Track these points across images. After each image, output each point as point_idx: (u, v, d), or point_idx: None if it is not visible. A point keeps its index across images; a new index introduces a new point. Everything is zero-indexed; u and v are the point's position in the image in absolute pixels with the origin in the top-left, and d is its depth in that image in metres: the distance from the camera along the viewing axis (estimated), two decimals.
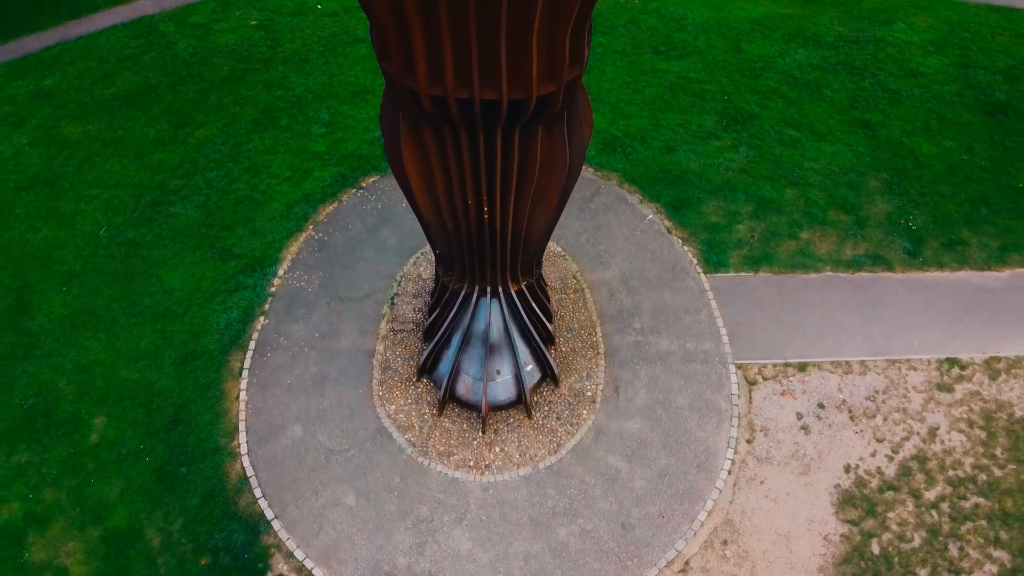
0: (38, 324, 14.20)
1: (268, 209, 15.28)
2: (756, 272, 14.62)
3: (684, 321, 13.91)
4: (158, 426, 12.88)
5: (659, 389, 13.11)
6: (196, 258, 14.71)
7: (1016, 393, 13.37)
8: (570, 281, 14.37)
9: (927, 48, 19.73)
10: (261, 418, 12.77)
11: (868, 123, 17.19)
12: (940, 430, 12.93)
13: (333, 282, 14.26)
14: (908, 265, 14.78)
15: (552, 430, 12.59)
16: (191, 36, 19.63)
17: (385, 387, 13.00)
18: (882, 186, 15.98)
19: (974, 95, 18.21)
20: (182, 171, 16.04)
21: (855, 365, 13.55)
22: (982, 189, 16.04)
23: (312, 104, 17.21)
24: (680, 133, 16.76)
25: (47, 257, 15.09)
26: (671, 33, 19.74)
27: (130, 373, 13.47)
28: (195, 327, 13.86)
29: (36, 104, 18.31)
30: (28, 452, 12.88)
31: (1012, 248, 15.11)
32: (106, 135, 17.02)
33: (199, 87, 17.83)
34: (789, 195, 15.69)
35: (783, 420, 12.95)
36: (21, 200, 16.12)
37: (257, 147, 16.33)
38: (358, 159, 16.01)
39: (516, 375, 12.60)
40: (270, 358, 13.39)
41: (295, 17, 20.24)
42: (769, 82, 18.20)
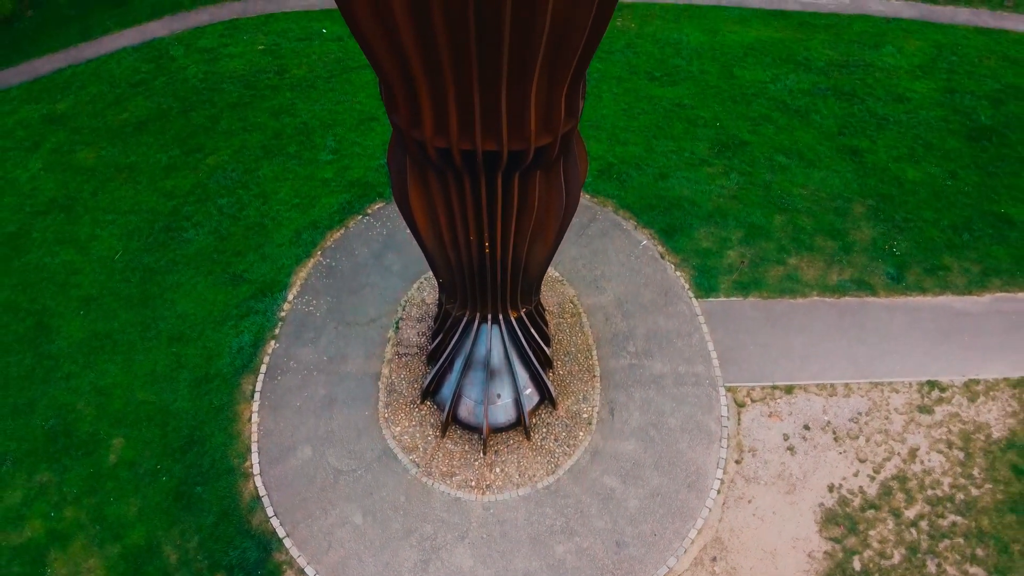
0: (57, 347, 14.82)
1: (277, 235, 15.90)
2: (746, 297, 15.25)
3: (676, 345, 14.53)
4: (174, 447, 13.50)
5: (652, 411, 13.73)
6: (209, 283, 15.33)
7: (994, 415, 14.00)
8: (567, 306, 14.99)
9: (915, 72, 20.35)
10: (272, 439, 13.39)
11: (856, 149, 17.81)
12: (920, 451, 13.56)
13: (340, 307, 14.88)
14: (891, 290, 15.40)
15: (550, 451, 13.21)
16: (200, 61, 20.24)
17: (390, 409, 13.62)
18: (868, 212, 16.60)
19: (959, 120, 18.82)
20: (194, 197, 16.66)
21: (840, 388, 14.17)
22: (965, 214, 16.66)
23: (319, 131, 17.83)
24: (673, 160, 17.38)
25: (65, 281, 15.70)
26: (666, 58, 20.35)
27: (147, 395, 14.09)
28: (208, 351, 14.48)
29: (50, 128, 18.92)
30: (49, 472, 13.50)
31: (992, 273, 15.73)
32: (120, 160, 17.63)
33: (209, 113, 18.44)
34: (778, 221, 16.32)
35: (770, 441, 13.58)
36: (38, 225, 16.73)
37: (266, 174, 16.94)
38: (364, 186, 16.62)
39: (516, 398, 13.22)
40: (281, 381, 14.01)
41: (301, 42, 20.85)
42: (760, 108, 18.82)
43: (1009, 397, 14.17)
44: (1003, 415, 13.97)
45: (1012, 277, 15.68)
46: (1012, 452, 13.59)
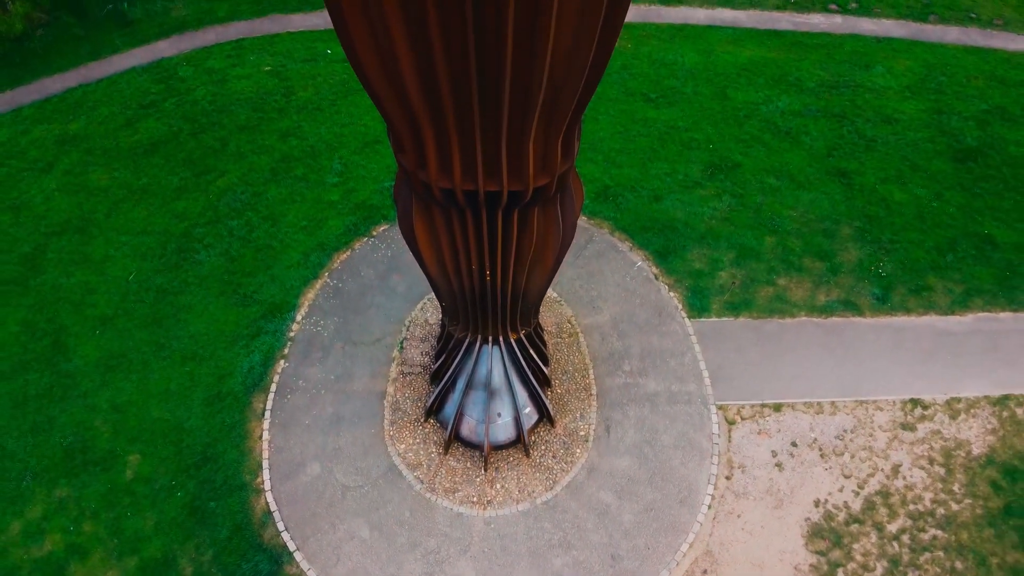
0: (74, 366, 15.41)
1: (286, 257, 16.50)
2: (736, 317, 15.85)
3: (670, 364, 15.14)
4: (188, 463, 14.10)
5: (646, 429, 14.34)
6: (220, 304, 15.92)
7: (974, 432, 14.61)
8: (565, 325, 15.59)
9: (904, 93, 20.94)
10: (283, 456, 13.99)
11: (844, 171, 18.41)
12: (903, 467, 14.17)
13: (347, 327, 15.48)
14: (877, 310, 16.01)
15: (548, 468, 13.82)
16: (209, 82, 20.82)
17: (395, 427, 14.22)
18: (855, 233, 17.20)
19: (946, 142, 19.42)
20: (205, 219, 17.25)
21: (826, 406, 14.78)
22: (949, 236, 17.26)
23: (325, 154, 18.42)
24: (668, 182, 17.98)
25: (80, 301, 16.29)
26: (661, 79, 20.94)
27: (161, 413, 14.69)
28: (220, 370, 15.07)
29: (63, 149, 19.50)
30: (68, 487, 14.10)
31: (975, 293, 16.34)
32: (132, 182, 18.22)
33: (218, 135, 19.03)
34: (768, 243, 16.92)
35: (759, 458, 14.19)
36: (53, 245, 17.32)
37: (275, 196, 17.54)
38: (369, 209, 17.22)
39: (515, 417, 13.82)
40: (290, 400, 14.61)
41: (306, 63, 21.43)
42: (752, 129, 19.41)
43: (989, 415, 14.78)
44: (983, 432, 14.57)
45: (994, 297, 16.27)
46: (991, 468, 14.19)
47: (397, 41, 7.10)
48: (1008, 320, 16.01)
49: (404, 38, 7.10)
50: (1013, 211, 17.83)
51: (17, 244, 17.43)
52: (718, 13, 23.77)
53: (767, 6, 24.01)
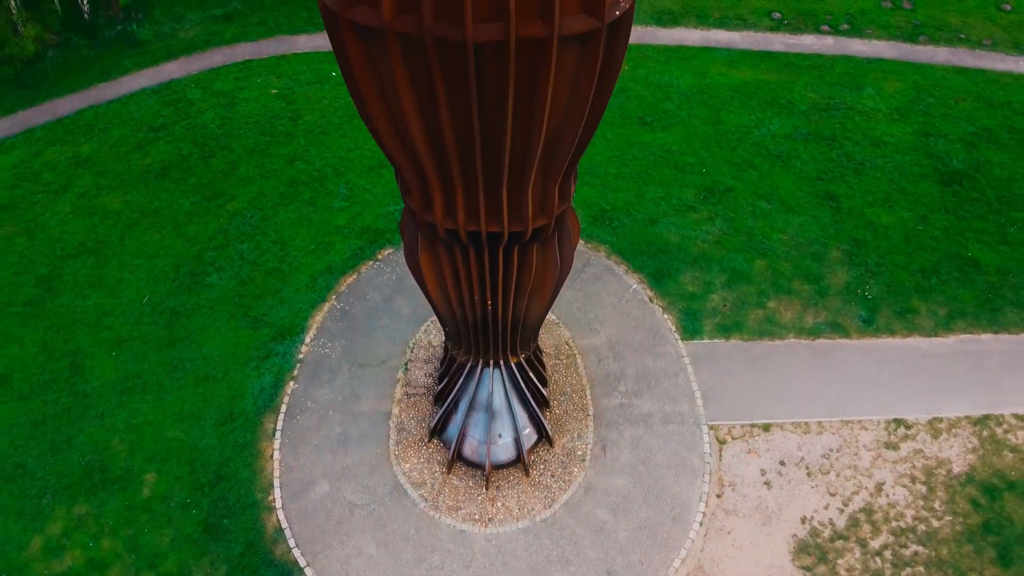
0: (91, 386, 16.05)
1: (295, 280, 17.14)
2: (727, 339, 16.50)
3: (664, 385, 15.78)
4: (202, 481, 14.75)
5: (641, 448, 14.99)
6: (231, 326, 16.56)
7: (955, 451, 15.26)
8: (563, 347, 16.23)
9: (892, 115, 21.57)
10: (293, 475, 14.64)
11: (833, 195, 19.05)
12: (886, 485, 14.82)
13: (354, 349, 16.12)
14: (863, 332, 16.66)
15: (547, 486, 14.47)
16: (217, 105, 21.44)
17: (400, 447, 14.87)
18: (843, 256, 17.84)
19: (933, 165, 20.05)
20: (216, 243, 17.88)
21: (813, 425, 15.43)
22: (933, 259, 17.91)
23: (332, 178, 19.05)
24: (662, 206, 18.62)
25: (96, 323, 16.92)
26: (657, 102, 21.57)
27: (176, 433, 15.33)
28: (232, 391, 15.71)
29: (76, 172, 20.13)
30: (87, 504, 14.74)
31: (958, 315, 16.98)
32: (145, 205, 18.85)
33: (228, 159, 19.66)
34: (758, 266, 17.56)
35: (748, 476, 14.84)
36: (69, 267, 17.94)
37: (283, 220, 18.17)
38: (375, 233, 17.85)
39: (516, 438, 14.47)
40: (299, 420, 15.25)
41: (312, 86, 22.06)
42: (744, 153, 20.04)
43: (970, 434, 15.43)
44: (963, 451, 15.23)
45: (976, 319, 16.92)
46: (971, 486, 14.85)
47: (405, 102, 7.78)
48: (989, 342, 16.66)
49: (412, 100, 7.79)
50: (996, 233, 18.48)
51: (33, 266, 18.05)
52: (713, 34, 24.40)
53: (761, 27, 24.64)
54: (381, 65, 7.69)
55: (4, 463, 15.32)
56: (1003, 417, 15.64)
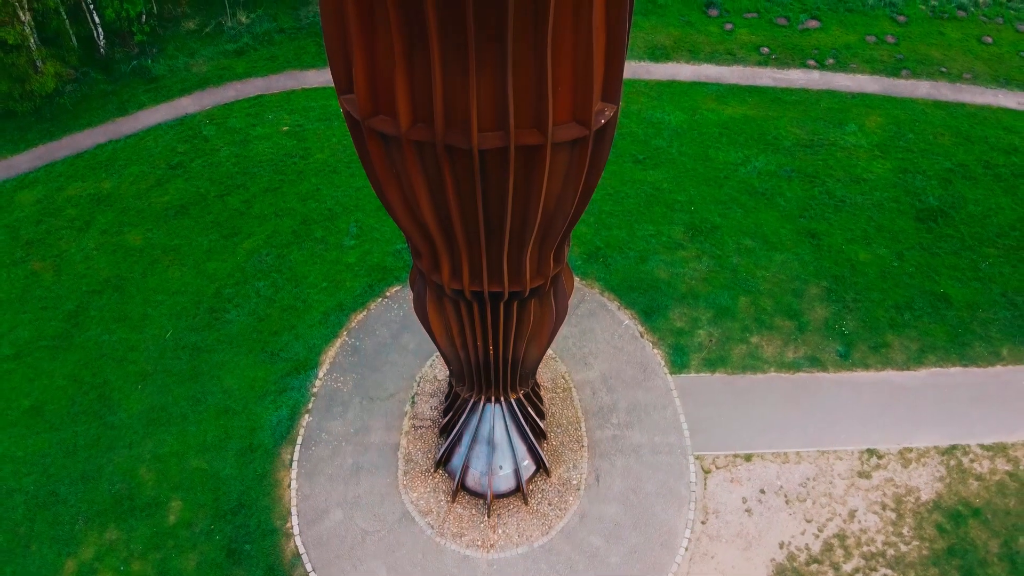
0: (119, 419, 17.20)
1: (308, 316, 18.29)
2: (713, 373, 17.66)
3: (653, 417, 16.96)
4: (225, 509, 15.91)
5: (632, 477, 16.17)
6: (249, 361, 17.71)
7: (923, 479, 16.45)
8: (559, 381, 17.40)
9: (873, 152, 22.72)
10: (309, 503, 15.81)
11: (814, 232, 20.20)
12: (858, 512, 16.00)
13: (364, 383, 17.28)
14: (840, 366, 17.83)
15: (544, 514, 15.65)
16: (232, 143, 22.56)
17: (408, 477, 16.04)
18: (822, 293, 19.01)
19: (910, 201, 21.21)
20: (233, 280, 19.02)
21: (792, 455, 16.61)
22: (907, 295, 19.07)
23: (342, 216, 20.19)
24: (653, 244, 19.77)
25: (122, 357, 18.07)
26: (649, 139, 22.71)
27: (199, 463, 16.49)
28: (251, 423, 16.87)
29: (98, 209, 21.25)
30: (117, 530, 15.90)
31: (929, 350, 18.15)
32: (165, 243, 19.99)
33: (243, 198, 20.80)
34: (743, 303, 18.72)
35: (731, 504, 16.02)
36: (95, 303, 19.08)
37: (297, 258, 19.32)
38: (383, 271, 19.00)
39: (515, 469, 15.64)
40: (314, 451, 16.41)
41: (322, 123, 23.18)
42: (731, 191, 21.20)
43: (938, 463, 16.62)
44: (932, 480, 16.41)
45: (946, 353, 18.10)
46: (937, 513, 16.03)
47: (418, 191, 8.96)
48: (958, 374, 17.83)
49: (424, 190, 8.97)
50: (968, 269, 19.64)
51: (61, 301, 19.19)
52: (703, 69, 25.53)
53: (750, 62, 25.77)
54: (398, 163, 8.85)
55: (38, 491, 16.46)
56: (969, 447, 16.82)
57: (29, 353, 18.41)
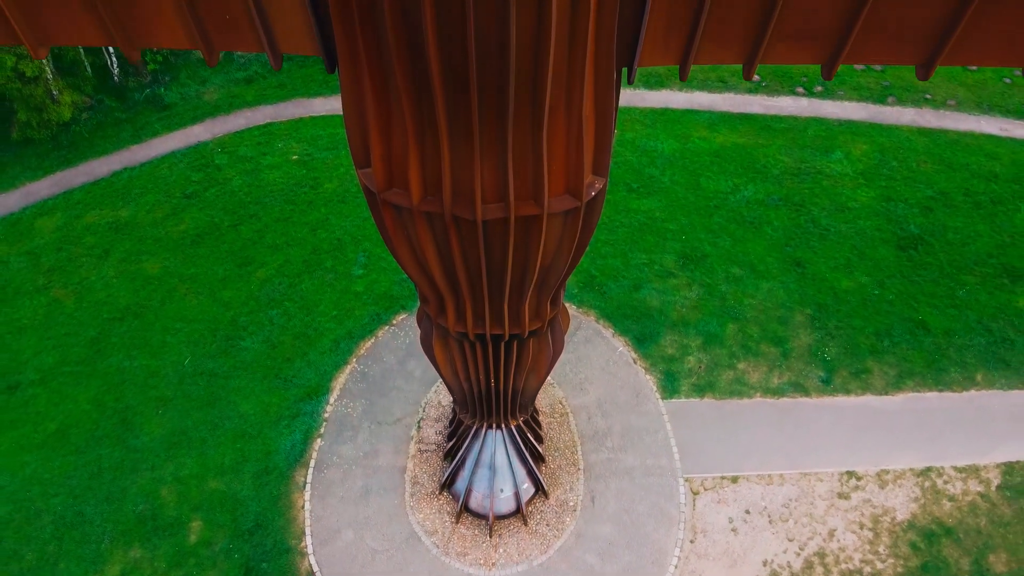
0: (141, 442, 18.22)
1: (319, 344, 19.31)
2: (702, 398, 18.70)
3: (645, 441, 17.99)
4: (243, 529, 16.94)
5: (625, 499, 17.21)
6: (264, 387, 18.74)
7: (900, 500, 17.49)
8: (557, 406, 18.43)
9: (858, 180, 23.74)
10: (322, 524, 16.84)
11: (799, 261, 21.23)
12: (837, 531, 17.05)
13: (373, 409, 18.31)
14: (822, 392, 18.86)
15: (543, 534, 16.69)
16: (244, 172, 23.56)
17: (415, 499, 17.08)
18: (806, 320, 20.04)
19: (892, 229, 22.23)
20: (248, 308, 20.04)
21: (775, 477, 17.65)
22: (887, 322, 20.10)
23: (351, 246, 21.21)
24: (646, 272, 20.80)
25: (143, 383, 19.09)
26: (643, 168, 23.72)
27: (218, 484, 17.52)
28: (267, 447, 17.90)
29: (116, 237, 22.26)
30: (141, 549, 16.93)
31: (907, 376, 19.19)
32: (182, 271, 21.00)
33: (256, 227, 21.81)
34: (730, 329, 19.75)
35: (718, 523, 17.06)
36: (116, 330, 20.10)
37: (308, 287, 20.34)
38: (390, 299, 20.02)
39: (515, 492, 16.68)
40: (326, 474, 17.44)
41: (330, 152, 24.18)
42: (720, 219, 22.22)
43: (913, 485, 17.66)
44: (907, 500, 17.45)
45: (923, 379, 19.13)
46: (912, 532, 17.08)
47: (427, 250, 9.97)
48: (934, 399, 18.87)
49: (433, 250, 9.99)
50: (946, 297, 20.67)
51: (83, 328, 20.21)
52: (696, 96, 26.55)
53: (740, 89, 26.79)
54: (409, 228, 9.87)
55: (66, 511, 17.49)
56: (943, 469, 17.86)
57: (54, 378, 19.43)
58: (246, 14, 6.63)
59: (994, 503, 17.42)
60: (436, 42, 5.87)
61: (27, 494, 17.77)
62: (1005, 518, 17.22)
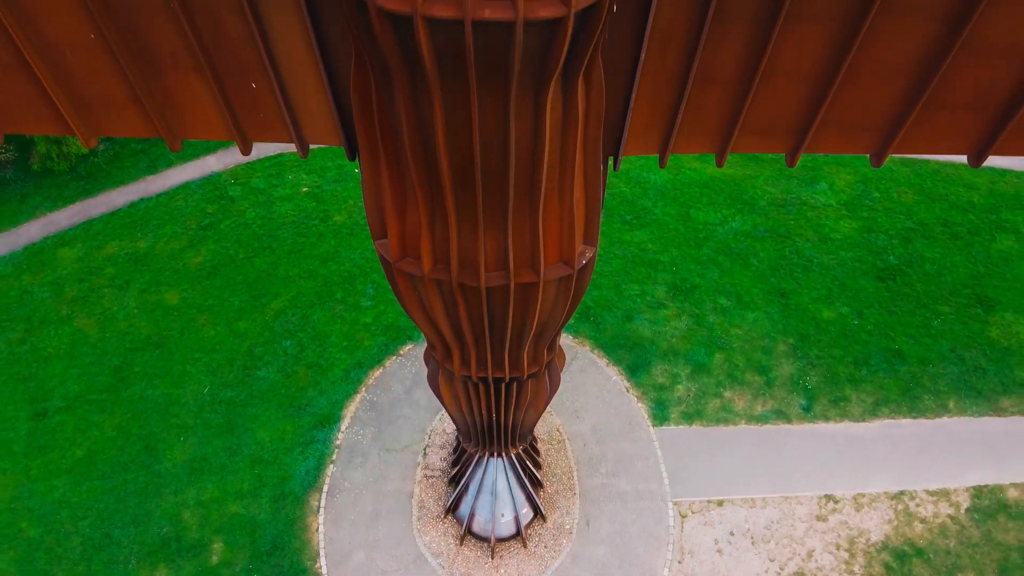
0: (164, 467, 19.45)
1: (331, 374, 20.53)
2: (690, 425, 19.94)
3: (637, 466, 19.23)
4: (261, 551, 18.18)
5: (618, 522, 18.45)
6: (279, 415, 19.96)
7: (874, 522, 18.74)
8: (554, 433, 19.66)
9: (840, 211, 24.95)
10: (335, 546, 18.08)
11: (783, 291, 22.46)
12: (815, 552, 18.31)
13: (381, 436, 19.54)
14: (803, 419, 20.11)
15: (541, 556, 17.94)
16: (256, 204, 24.76)
17: (421, 522, 18.32)
18: (788, 350, 21.28)
19: (872, 260, 23.46)
20: (263, 339, 21.26)
21: (758, 500, 18.89)
22: (865, 351, 21.34)
23: (360, 278, 22.42)
24: (638, 303, 22.03)
25: (165, 411, 20.30)
26: (636, 200, 24.94)
27: (238, 508, 18.75)
28: (283, 472, 19.13)
29: (136, 268, 23.45)
30: (167, 570, 18.16)
31: (883, 403, 20.43)
32: (200, 302, 22.21)
33: (270, 259, 23.01)
34: (717, 359, 20.99)
35: (704, 545, 18.31)
36: (138, 359, 21.30)
37: (319, 318, 21.55)
38: (397, 330, 21.24)
39: (515, 516, 17.92)
40: (338, 498, 18.68)
41: (338, 184, 25.37)
42: (709, 251, 23.44)
43: (887, 507, 18.91)
44: (881, 522, 18.71)
45: (898, 406, 20.37)
46: (885, 552, 18.33)
47: (436, 310, 11.16)
48: (908, 426, 20.12)
49: (441, 310, 11.19)
50: (922, 327, 21.90)
51: (107, 357, 21.41)
52: None
53: None
54: (420, 291, 11.07)
55: (94, 533, 18.71)
56: (915, 492, 19.11)
57: (80, 406, 20.64)
58: (279, 115, 7.76)
59: (963, 525, 18.66)
60: (446, 148, 6.75)
61: (57, 517, 18.98)
62: (973, 539, 18.46)
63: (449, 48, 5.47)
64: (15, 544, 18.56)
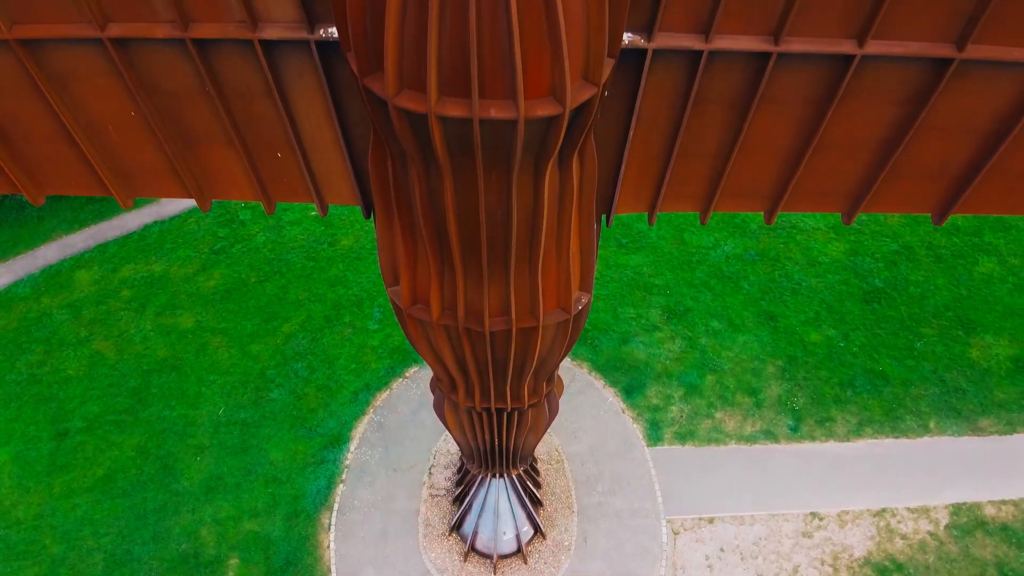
0: (182, 486, 20.42)
1: (340, 395, 21.50)
2: (683, 445, 20.93)
3: (632, 485, 20.22)
4: (275, 567, 19.17)
5: (614, 538, 19.45)
6: (291, 436, 20.94)
7: (857, 538, 19.74)
8: (553, 453, 20.65)
9: (829, 234, 25.91)
10: (346, 563, 19.07)
11: (772, 315, 23.44)
12: (801, 567, 19.31)
13: (389, 456, 20.51)
14: (790, 439, 21.10)
15: (541, 571, 18.94)
16: (267, 228, 25.71)
17: (427, 540, 19.31)
18: (777, 372, 22.26)
19: (858, 283, 24.43)
20: (275, 361, 22.23)
21: (747, 518, 19.89)
22: (851, 373, 22.33)
23: (367, 302, 23.38)
24: (633, 326, 23.01)
25: (182, 431, 21.27)
26: (632, 223, 25.88)
27: (252, 526, 19.73)
28: (295, 491, 20.10)
29: (151, 291, 24.40)
30: None
31: (867, 423, 21.42)
32: (214, 325, 23.17)
33: (280, 283, 23.97)
34: (709, 381, 21.98)
35: (695, 561, 19.31)
36: (155, 381, 22.27)
37: (329, 341, 22.52)
38: (403, 353, 22.21)
39: (516, 534, 18.91)
40: (348, 517, 19.66)
41: (345, 208, 26.29)
42: (702, 274, 24.41)
43: (870, 524, 19.91)
44: (864, 538, 19.71)
45: (881, 426, 21.37)
46: (868, 567, 19.34)
47: (443, 349, 12.11)
48: (890, 445, 21.11)
49: (448, 349, 12.14)
50: (905, 348, 22.89)
51: (125, 379, 22.37)
52: None
53: None
54: (429, 333, 12.01)
55: (116, 549, 19.68)
56: (897, 510, 20.10)
57: (99, 426, 21.60)
58: (302, 181, 8.65)
59: (942, 541, 19.66)
60: (455, 218, 7.48)
61: (79, 534, 19.96)
62: (952, 555, 19.47)
63: (459, 139, 6.19)
64: (39, 560, 19.54)
